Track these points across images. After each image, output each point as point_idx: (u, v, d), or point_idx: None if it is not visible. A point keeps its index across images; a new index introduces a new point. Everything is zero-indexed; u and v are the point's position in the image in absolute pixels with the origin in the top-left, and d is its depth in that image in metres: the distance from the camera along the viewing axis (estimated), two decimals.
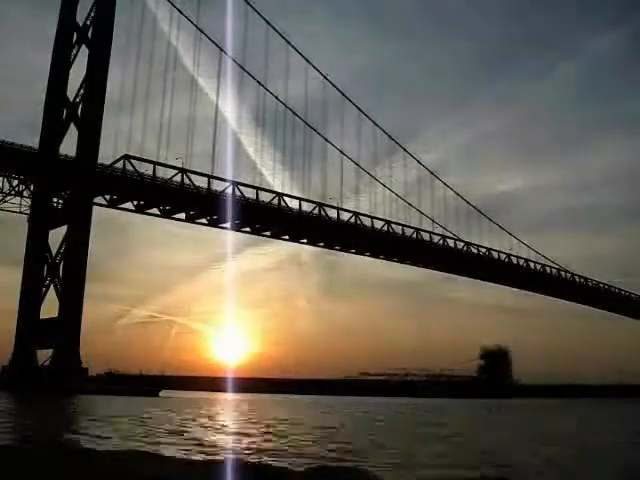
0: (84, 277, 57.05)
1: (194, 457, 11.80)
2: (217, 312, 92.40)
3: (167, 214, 62.39)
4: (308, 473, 9.31)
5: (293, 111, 66.69)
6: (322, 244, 73.01)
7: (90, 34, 61.62)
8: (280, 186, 66.55)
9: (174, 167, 58.88)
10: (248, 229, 66.88)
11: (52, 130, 60.46)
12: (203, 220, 63.90)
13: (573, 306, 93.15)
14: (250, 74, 64.49)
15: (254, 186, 63.96)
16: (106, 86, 59.85)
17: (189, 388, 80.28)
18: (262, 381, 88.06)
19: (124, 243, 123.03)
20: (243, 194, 62.60)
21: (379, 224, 71.16)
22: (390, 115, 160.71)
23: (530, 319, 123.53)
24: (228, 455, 12.68)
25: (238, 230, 66.15)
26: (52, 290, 58.51)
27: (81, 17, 62.48)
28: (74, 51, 62.78)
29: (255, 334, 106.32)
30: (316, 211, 66.78)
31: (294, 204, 65.98)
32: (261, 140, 67.15)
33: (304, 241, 71.56)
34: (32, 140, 58.76)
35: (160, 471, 8.52)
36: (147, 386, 61.44)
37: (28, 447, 11.75)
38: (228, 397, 65.40)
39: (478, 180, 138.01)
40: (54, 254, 59.11)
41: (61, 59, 62.57)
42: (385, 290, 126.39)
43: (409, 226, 73.16)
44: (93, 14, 61.35)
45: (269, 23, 65.24)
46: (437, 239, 75.49)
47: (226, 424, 23.37)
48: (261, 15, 64.64)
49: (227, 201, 60.27)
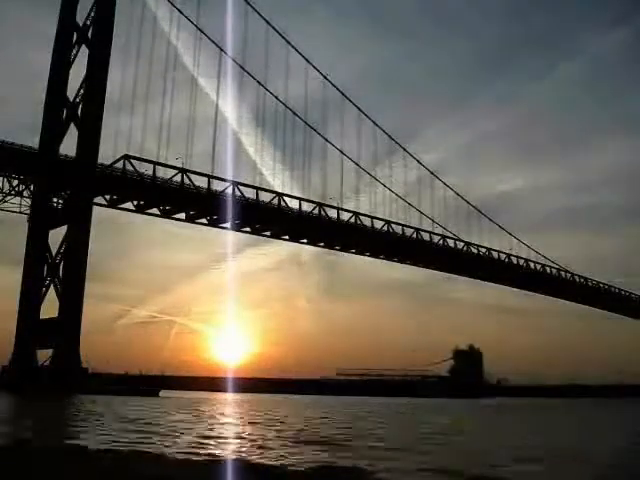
0: (84, 277, 57.03)
1: (194, 457, 11.78)
2: (217, 312, 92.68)
3: (167, 214, 62.39)
4: (308, 473, 9.31)
5: (293, 111, 66.87)
6: (322, 244, 73.01)
7: (90, 34, 61.64)
8: (280, 186, 66.72)
9: (174, 167, 58.91)
10: (248, 229, 66.88)
11: (52, 130, 60.45)
12: (203, 220, 63.92)
13: (573, 306, 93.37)
14: (250, 74, 64.67)
15: (254, 186, 64.01)
16: (106, 86, 59.91)
17: (189, 388, 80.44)
18: (262, 381, 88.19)
19: (124, 243, 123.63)
20: (243, 194, 62.58)
21: (379, 224, 71.16)
22: (390, 115, 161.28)
23: (530, 319, 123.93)
24: (228, 455, 12.67)
25: (238, 230, 66.17)
26: (52, 290, 58.46)
27: (81, 17, 62.60)
28: (74, 51, 62.81)
29: (255, 334, 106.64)
30: (316, 211, 66.77)
31: (294, 204, 66.03)
32: (261, 140, 67.29)
33: (304, 241, 71.56)
34: (32, 140, 58.93)
35: (160, 471, 8.52)
36: (147, 386, 61.50)
37: (28, 447, 11.73)
38: (228, 397, 65.37)
39: (478, 180, 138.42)
40: (54, 254, 59.08)
41: (61, 59, 62.57)
42: (385, 290, 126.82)
43: (409, 226, 73.25)
44: (93, 14, 61.37)
45: (269, 23, 65.42)
46: (437, 239, 75.50)
47: (233, 424, 23.34)
48: (261, 15, 64.82)
49: (227, 201, 60.28)
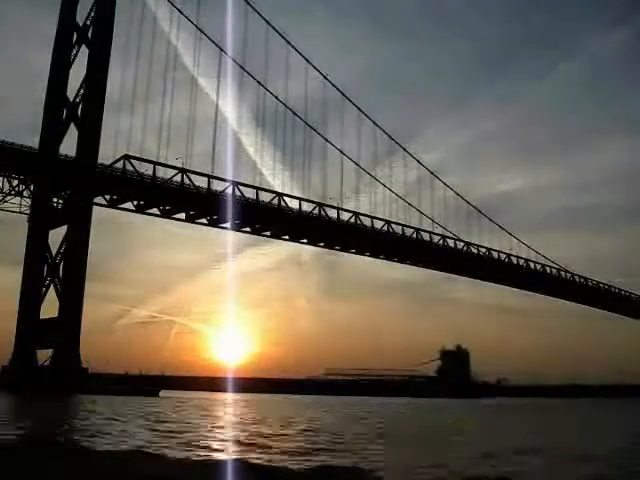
0: (84, 277, 56.99)
1: (194, 457, 11.79)
2: (217, 312, 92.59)
3: (167, 214, 62.36)
4: (308, 473, 9.32)
5: (293, 111, 66.82)
6: (322, 244, 72.99)
7: (90, 34, 61.62)
8: (280, 186, 66.67)
9: (174, 167, 58.87)
10: (248, 229, 66.85)
11: (52, 130, 60.43)
12: (203, 220, 63.89)
13: (573, 306, 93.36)
14: (250, 74, 64.62)
15: (254, 186, 63.97)
16: (106, 86, 59.87)
17: (189, 388, 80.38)
18: (262, 381, 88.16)
19: (124, 243, 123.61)
20: (243, 194, 62.55)
21: (379, 224, 71.12)
22: (390, 115, 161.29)
23: (530, 319, 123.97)
24: (228, 455, 12.67)
25: (238, 230, 66.14)
26: (52, 290, 58.42)
27: (81, 17, 62.58)
28: (74, 51, 62.79)
29: (255, 334, 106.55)
30: (316, 211, 66.73)
31: (294, 204, 65.98)
32: (261, 140, 67.22)
33: (304, 241, 71.53)
34: (32, 140, 58.88)
35: (160, 471, 8.53)
36: (147, 386, 61.50)
37: (28, 447, 11.74)
38: (228, 397, 65.35)
39: (478, 180, 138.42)
40: (54, 254, 59.05)
41: (61, 59, 62.55)
42: (385, 290, 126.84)
43: (409, 226, 73.20)
44: (93, 14, 61.35)
45: (269, 23, 65.38)
46: (437, 239, 75.47)
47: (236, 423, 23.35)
48: (261, 15, 64.78)
49: (227, 201, 60.25)
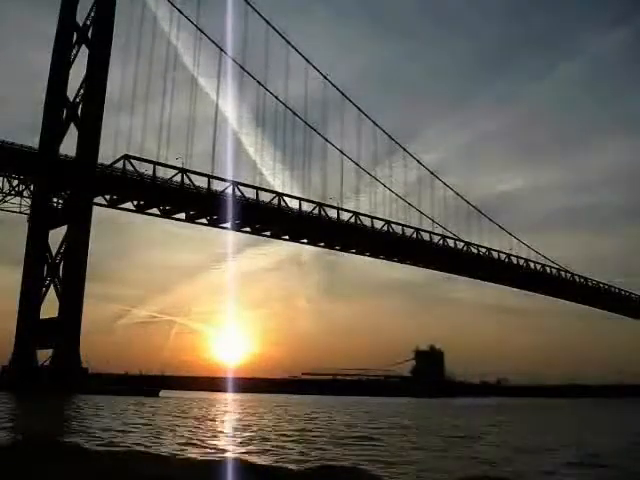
0: (84, 277, 57.02)
1: (194, 457, 11.78)
2: (217, 312, 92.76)
3: (167, 214, 62.37)
4: (308, 473, 9.31)
5: (293, 111, 66.89)
6: (322, 244, 72.99)
7: (90, 34, 61.63)
8: (280, 186, 66.71)
9: (174, 167, 58.91)
10: (248, 229, 66.85)
11: (52, 130, 60.43)
12: (203, 220, 63.91)
13: (573, 306, 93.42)
14: (250, 74, 64.68)
15: (254, 186, 63.98)
16: (106, 86, 59.91)
17: (189, 388, 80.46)
18: (262, 381, 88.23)
19: (124, 243, 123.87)
20: (243, 194, 62.55)
21: (379, 224, 71.13)
22: (390, 115, 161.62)
23: (530, 319, 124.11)
24: (228, 455, 12.67)
25: (238, 230, 66.15)
26: (52, 290, 58.47)
27: (81, 17, 62.60)
28: (74, 51, 62.80)
29: (255, 334, 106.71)
30: (316, 211, 66.75)
31: (294, 204, 66.01)
32: (261, 140, 67.31)
33: (304, 241, 71.53)
34: (32, 140, 58.94)
35: (160, 471, 8.50)
36: (147, 386, 61.50)
37: (28, 447, 11.73)
38: (228, 397, 65.36)
39: (478, 180, 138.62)
40: (54, 254, 59.07)
41: (61, 59, 62.55)
42: (385, 290, 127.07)
43: (409, 226, 73.24)
44: (93, 14, 61.36)
45: (269, 23, 65.45)
46: (437, 239, 75.49)
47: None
48: (261, 15, 64.85)
49: (227, 201, 60.26)
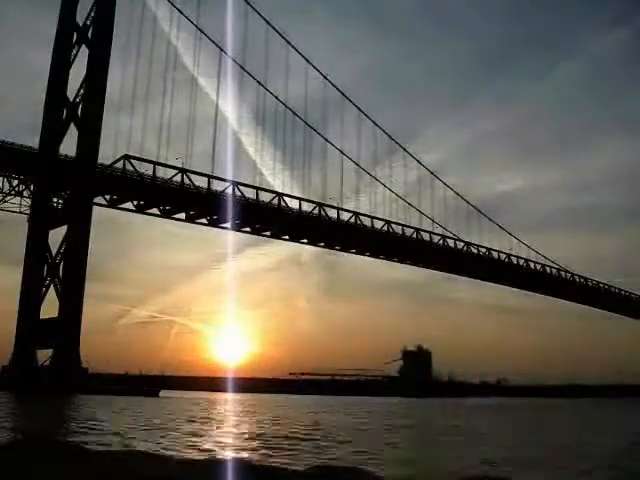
0: (84, 277, 57.00)
1: (194, 457, 11.78)
2: (217, 312, 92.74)
3: (167, 214, 62.34)
4: (308, 473, 9.31)
5: (293, 111, 66.83)
6: (322, 244, 72.96)
7: (90, 34, 61.62)
8: (280, 186, 66.66)
9: (174, 167, 58.87)
10: (248, 229, 66.82)
11: (52, 130, 60.42)
12: (203, 220, 63.87)
13: (573, 306, 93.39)
14: (250, 74, 64.63)
15: (254, 186, 63.94)
16: (106, 86, 59.89)
17: (189, 388, 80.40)
18: (262, 381, 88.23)
19: (124, 243, 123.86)
20: (243, 194, 62.52)
21: (379, 224, 71.08)
22: (390, 115, 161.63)
23: (530, 319, 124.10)
24: (228, 455, 12.67)
25: (238, 230, 66.12)
26: (52, 290, 58.46)
27: (81, 17, 62.60)
28: (74, 51, 62.80)
29: (255, 334, 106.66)
30: (316, 211, 66.70)
31: (294, 204, 65.97)
32: (261, 140, 67.24)
33: (304, 241, 71.50)
34: (32, 140, 58.92)
35: (160, 471, 8.50)
36: (147, 386, 61.49)
37: (28, 447, 11.72)
38: (228, 397, 65.34)
39: (478, 180, 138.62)
40: (54, 254, 59.06)
41: (61, 59, 62.54)
42: (385, 290, 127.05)
43: (409, 226, 73.18)
44: (93, 14, 61.35)
45: (269, 23, 65.41)
46: (437, 239, 75.44)
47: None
48: (261, 15, 64.80)
49: (227, 201, 60.23)
